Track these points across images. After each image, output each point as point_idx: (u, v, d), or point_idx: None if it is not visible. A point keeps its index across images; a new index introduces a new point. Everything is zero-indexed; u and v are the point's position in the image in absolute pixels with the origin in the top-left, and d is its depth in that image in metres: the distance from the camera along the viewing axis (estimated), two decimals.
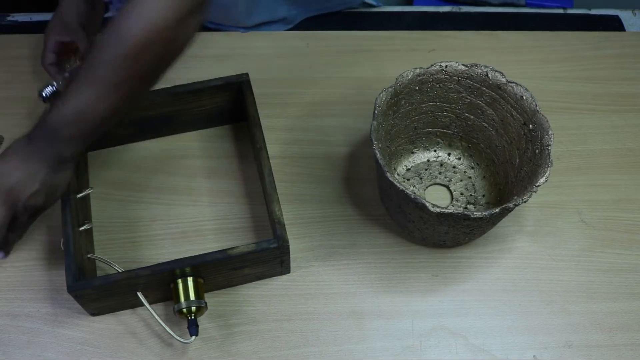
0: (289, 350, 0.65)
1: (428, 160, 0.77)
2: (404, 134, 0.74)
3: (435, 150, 0.77)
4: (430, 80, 0.69)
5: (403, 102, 0.70)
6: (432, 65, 0.69)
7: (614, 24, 0.95)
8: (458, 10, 0.97)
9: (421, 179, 0.76)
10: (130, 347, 0.65)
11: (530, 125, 0.65)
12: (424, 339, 0.65)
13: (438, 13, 0.96)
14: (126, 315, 0.67)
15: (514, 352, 0.65)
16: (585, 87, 0.86)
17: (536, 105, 0.65)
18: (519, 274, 0.69)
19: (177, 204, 0.74)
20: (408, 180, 0.76)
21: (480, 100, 0.70)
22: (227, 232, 0.72)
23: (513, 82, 0.67)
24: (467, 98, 0.71)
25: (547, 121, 0.64)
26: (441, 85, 0.70)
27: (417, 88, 0.70)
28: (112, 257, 0.70)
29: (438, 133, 0.76)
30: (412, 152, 0.77)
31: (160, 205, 0.74)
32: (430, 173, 0.76)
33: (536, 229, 0.73)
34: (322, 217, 0.73)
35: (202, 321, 0.66)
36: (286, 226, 0.71)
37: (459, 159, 0.77)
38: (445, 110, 0.73)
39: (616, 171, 0.78)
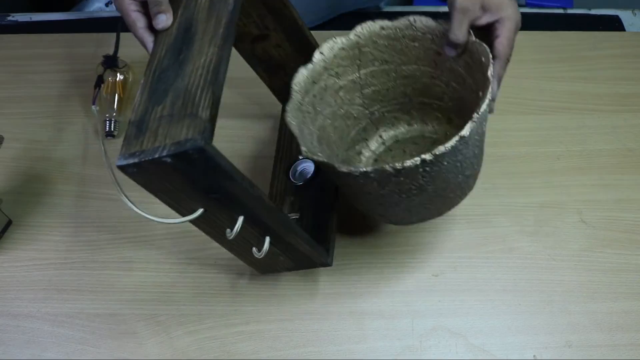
0: (289, 350, 0.65)
1: (423, 136, 0.73)
2: (389, 98, 0.70)
3: (433, 126, 0.72)
4: (402, 36, 0.65)
5: (371, 57, 0.66)
6: (399, 19, 0.64)
7: (614, 24, 0.95)
8: None
9: (405, 152, 0.72)
10: (130, 347, 0.65)
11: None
12: (424, 339, 0.65)
13: (438, 13, 0.97)
14: (126, 315, 0.67)
15: (514, 352, 0.65)
16: (585, 87, 0.86)
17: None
18: (519, 274, 0.69)
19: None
20: (390, 151, 0.72)
21: (458, 66, 0.64)
22: None
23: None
24: (447, 62, 0.64)
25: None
26: (417, 44, 0.65)
27: (386, 44, 0.65)
28: (112, 257, 0.70)
29: (434, 105, 0.70)
30: (409, 124, 0.73)
31: (160, 205, 0.74)
32: (419, 149, 0.71)
33: (536, 229, 0.73)
34: None
35: (203, 320, 0.66)
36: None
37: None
38: (432, 76, 0.67)
39: (616, 171, 0.78)
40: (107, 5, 1.19)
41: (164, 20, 0.53)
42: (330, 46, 0.64)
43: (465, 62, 0.61)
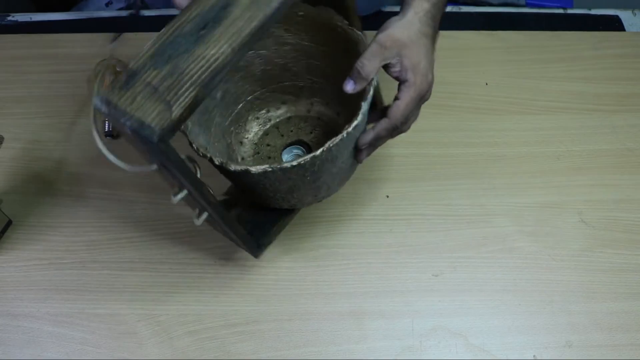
0: (289, 350, 0.65)
1: (327, 124, 0.75)
2: (320, 74, 0.71)
3: (342, 123, 0.74)
4: (347, 41, 0.65)
5: (322, 40, 0.67)
6: (355, 32, 0.63)
7: (614, 24, 0.95)
8: (458, 10, 0.97)
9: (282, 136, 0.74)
10: (130, 347, 0.65)
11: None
12: (424, 339, 0.65)
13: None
14: (126, 315, 0.67)
15: (514, 352, 0.65)
16: (585, 87, 0.86)
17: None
18: (519, 274, 0.69)
19: (177, 204, 0.74)
20: (289, 120, 0.74)
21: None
22: None
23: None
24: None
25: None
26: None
27: (337, 39, 0.65)
28: (112, 257, 0.71)
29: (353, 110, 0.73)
30: (326, 106, 0.74)
31: (160, 205, 0.74)
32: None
33: (536, 229, 0.73)
34: (323, 217, 0.73)
35: (203, 320, 0.66)
36: (286, 226, 0.71)
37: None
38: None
39: (616, 171, 0.78)
40: (107, 5, 1.19)
41: None
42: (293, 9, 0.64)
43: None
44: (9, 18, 0.94)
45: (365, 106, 0.57)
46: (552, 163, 0.78)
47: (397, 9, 1.01)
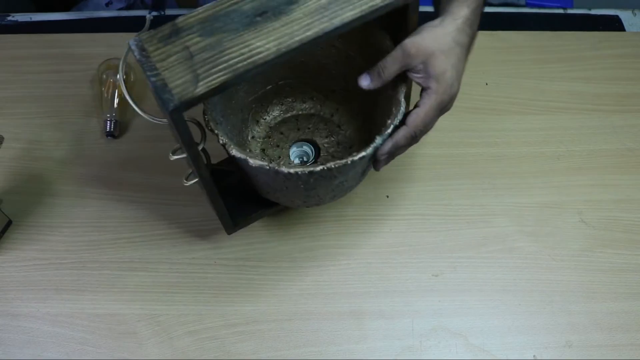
0: (289, 350, 0.65)
1: (339, 125, 0.74)
2: (334, 75, 0.71)
3: (351, 130, 0.74)
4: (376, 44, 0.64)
5: (344, 47, 0.67)
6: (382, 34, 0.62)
7: (614, 24, 0.95)
8: None
9: (298, 129, 0.74)
10: (130, 347, 0.65)
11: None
12: (424, 339, 0.65)
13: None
14: (126, 315, 0.67)
15: (514, 352, 0.65)
16: (585, 87, 0.86)
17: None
18: (519, 274, 0.69)
19: (177, 204, 0.74)
20: (282, 133, 0.74)
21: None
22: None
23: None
24: (387, 91, 0.65)
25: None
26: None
27: (359, 45, 0.66)
28: (112, 257, 0.71)
29: (363, 114, 0.71)
30: (338, 106, 0.74)
31: (160, 205, 0.74)
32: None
33: (536, 229, 0.73)
34: (323, 217, 0.73)
35: (203, 320, 0.66)
36: (285, 226, 0.71)
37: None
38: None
39: (616, 171, 0.78)
40: (107, 5, 1.19)
41: None
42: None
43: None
44: (9, 18, 0.94)
45: (379, 140, 0.56)
46: (552, 163, 0.78)
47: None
